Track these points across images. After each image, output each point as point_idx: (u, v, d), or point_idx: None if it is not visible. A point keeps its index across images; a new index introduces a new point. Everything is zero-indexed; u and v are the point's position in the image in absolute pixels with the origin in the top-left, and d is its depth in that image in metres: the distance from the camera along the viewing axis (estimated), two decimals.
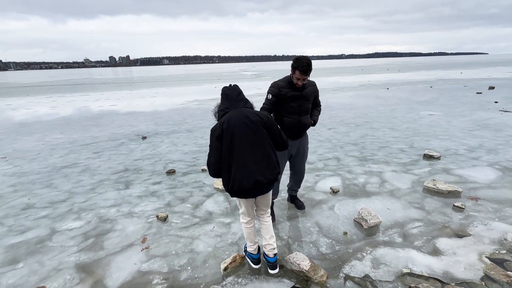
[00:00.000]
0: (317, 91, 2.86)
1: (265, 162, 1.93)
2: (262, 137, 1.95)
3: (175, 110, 10.34)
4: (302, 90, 2.66)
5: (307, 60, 2.45)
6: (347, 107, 9.55)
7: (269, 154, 1.96)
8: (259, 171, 1.89)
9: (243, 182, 1.87)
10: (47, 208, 3.36)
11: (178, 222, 2.96)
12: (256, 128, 1.93)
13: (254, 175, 1.88)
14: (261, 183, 1.89)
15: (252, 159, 1.90)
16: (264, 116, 2.02)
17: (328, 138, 5.83)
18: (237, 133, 1.89)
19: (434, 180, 3.50)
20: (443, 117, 7.40)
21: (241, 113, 1.95)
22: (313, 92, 2.78)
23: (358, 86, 16.68)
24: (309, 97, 2.72)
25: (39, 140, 6.70)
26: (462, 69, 30.98)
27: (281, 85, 2.65)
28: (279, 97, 2.64)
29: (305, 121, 2.75)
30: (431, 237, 2.53)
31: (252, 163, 1.89)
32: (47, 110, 11.76)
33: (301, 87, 2.63)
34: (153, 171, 4.43)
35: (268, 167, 1.94)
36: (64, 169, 4.67)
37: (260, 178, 1.89)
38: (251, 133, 1.91)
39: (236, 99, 2.02)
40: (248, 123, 1.92)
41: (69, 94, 18.70)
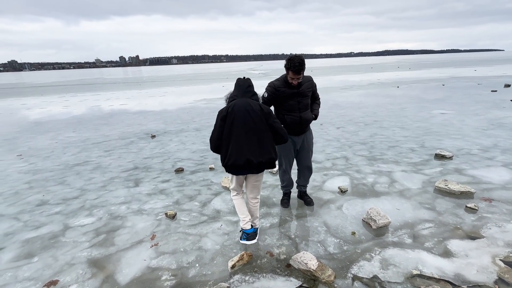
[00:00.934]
0: (314, 85, 2.90)
1: (259, 146, 2.22)
2: (260, 125, 2.22)
3: (183, 109, 10.44)
4: (299, 88, 2.74)
5: (299, 60, 2.53)
6: (355, 106, 9.43)
7: (264, 140, 2.24)
8: (251, 152, 2.20)
9: (237, 159, 2.20)
10: (60, 205, 3.46)
11: (187, 219, 3.00)
12: (255, 117, 2.21)
13: (247, 154, 2.19)
14: (251, 162, 2.20)
15: (247, 142, 2.20)
16: (265, 108, 2.29)
17: (336, 137, 5.77)
18: (239, 117, 2.20)
19: (446, 180, 3.42)
20: (456, 116, 7.21)
21: (245, 102, 2.26)
22: (310, 87, 2.84)
23: (367, 85, 16.42)
24: (306, 93, 2.80)
25: (52, 139, 6.90)
26: (476, 67, 30.05)
27: (278, 85, 2.74)
28: (276, 96, 2.76)
29: (306, 117, 2.82)
30: (442, 239, 2.48)
31: (247, 145, 2.19)
32: (60, 109, 12.09)
33: (297, 85, 2.71)
34: (162, 169, 4.50)
35: (261, 151, 2.22)
36: (76, 167, 4.79)
37: (251, 158, 2.19)
38: (250, 120, 2.20)
39: (245, 90, 2.32)
40: (250, 111, 2.21)
41: (81, 93, 19.15)
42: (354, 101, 10.48)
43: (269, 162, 2.28)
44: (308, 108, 2.86)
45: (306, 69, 2.62)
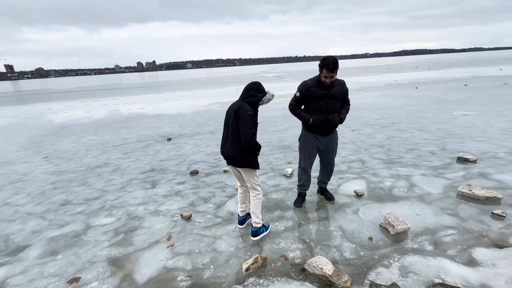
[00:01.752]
0: (346, 89, 2.93)
1: (230, 143, 2.50)
2: (232, 124, 2.46)
3: (198, 113, 10.64)
4: (329, 89, 2.78)
5: (333, 59, 2.62)
6: (372, 108, 9.21)
7: (233, 138, 2.47)
8: (225, 147, 2.57)
9: (221, 150, 2.65)
10: (82, 205, 3.61)
11: (201, 221, 3.04)
12: (231, 117, 2.47)
13: (223, 148, 2.61)
14: (224, 155, 2.60)
15: (224, 138, 2.59)
16: (240, 111, 2.42)
17: (352, 140, 5.66)
18: (226, 115, 2.57)
19: (470, 185, 3.26)
20: (480, 117, 6.86)
21: (235, 103, 2.53)
22: (341, 91, 2.88)
23: (383, 86, 16.01)
24: (336, 96, 2.83)
25: (75, 142, 7.24)
26: (501, 65, 28.49)
27: (310, 84, 2.84)
28: (307, 95, 2.85)
29: (333, 119, 2.87)
30: (467, 246, 2.36)
31: (223, 141, 2.60)
32: (82, 113, 12.67)
33: (328, 86, 2.76)
34: (177, 171, 4.60)
35: (230, 148, 2.51)
36: (97, 169, 5.00)
37: (224, 152, 2.58)
38: (229, 120, 2.52)
39: (243, 93, 2.54)
40: (231, 111, 2.50)
41: (101, 98, 19.99)
42: (370, 103, 10.24)
43: (234, 159, 2.50)
44: (337, 111, 2.91)
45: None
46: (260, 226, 2.65)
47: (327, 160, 3.13)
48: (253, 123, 2.40)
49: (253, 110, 2.45)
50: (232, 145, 2.47)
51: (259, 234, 2.66)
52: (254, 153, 2.49)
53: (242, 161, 2.49)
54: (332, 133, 3.00)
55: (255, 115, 2.46)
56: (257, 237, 2.64)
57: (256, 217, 2.64)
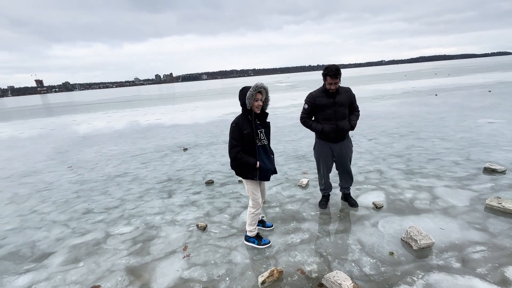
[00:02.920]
0: (353, 96, 3.02)
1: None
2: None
3: (213, 123, 10.83)
4: (335, 97, 2.93)
5: (335, 66, 2.82)
6: (389, 116, 8.98)
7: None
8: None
9: None
10: (103, 213, 3.74)
11: (217, 232, 3.05)
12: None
13: None
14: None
15: None
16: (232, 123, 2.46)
17: (369, 150, 5.52)
18: None
19: (499, 198, 3.06)
20: (507, 125, 6.49)
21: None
22: (348, 98, 2.99)
23: (401, 94, 15.61)
24: (343, 103, 2.95)
25: (97, 152, 7.57)
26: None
27: (316, 95, 3.01)
28: (315, 106, 3.00)
29: (343, 125, 2.97)
30: (498, 265, 2.20)
31: None
32: (104, 124, 13.28)
33: (334, 94, 2.90)
34: (193, 181, 4.67)
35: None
36: (117, 178, 5.18)
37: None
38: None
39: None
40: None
41: (122, 110, 20.89)
42: (387, 111, 10.00)
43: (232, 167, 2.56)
44: (346, 118, 3.00)
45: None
46: (253, 236, 2.72)
47: (343, 167, 3.21)
48: (233, 135, 2.37)
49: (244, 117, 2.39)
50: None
51: (248, 241, 2.75)
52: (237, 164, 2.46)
53: (235, 171, 2.56)
54: (345, 139, 3.09)
55: (238, 126, 2.38)
56: (246, 243, 2.75)
57: (246, 227, 2.74)
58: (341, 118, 2.96)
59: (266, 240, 2.72)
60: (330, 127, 2.95)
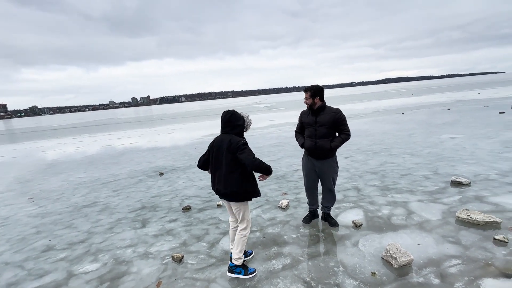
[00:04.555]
0: (339, 118, 3.04)
1: (224, 179, 2.44)
2: (227, 160, 2.43)
3: (191, 145, 10.63)
4: (317, 116, 3.04)
5: (312, 85, 3.04)
6: (362, 134, 9.41)
7: (229, 174, 2.42)
8: (219, 183, 2.48)
9: (214, 187, 2.55)
10: (66, 250, 3.37)
11: (194, 263, 2.85)
12: (223, 153, 2.45)
13: (217, 184, 2.51)
14: (219, 191, 2.50)
15: (218, 173, 2.50)
16: (233, 143, 2.40)
17: (346, 168, 5.66)
18: (214, 152, 2.52)
19: (467, 210, 3.22)
20: (467, 140, 7.05)
21: (221, 138, 2.52)
22: (331, 119, 3.02)
23: (371, 112, 16.58)
24: (324, 122, 3.02)
25: (63, 180, 7.02)
26: (479, 89, 30.23)
27: (304, 112, 3.24)
28: (302, 122, 3.23)
29: (321, 144, 3.03)
30: (474, 277, 2.25)
31: (217, 177, 2.51)
32: (74, 150, 12.50)
33: (317, 113, 3.03)
34: (169, 208, 4.43)
35: (226, 183, 2.44)
36: (84, 209, 4.78)
37: (220, 188, 2.48)
38: (220, 155, 2.48)
39: (224, 125, 2.53)
40: (220, 147, 2.48)
41: (94, 134, 19.94)
42: (360, 129, 10.48)
43: (232, 194, 2.44)
44: (327, 137, 3.04)
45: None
46: (239, 265, 2.53)
47: (325, 185, 3.25)
48: (249, 148, 2.41)
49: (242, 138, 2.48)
50: (228, 181, 2.41)
51: (234, 273, 2.53)
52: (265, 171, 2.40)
53: (240, 194, 2.43)
54: (328, 159, 3.12)
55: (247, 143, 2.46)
56: (231, 275, 2.53)
57: (236, 254, 2.53)
58: (321, 137, 3.02)
59: (252, 269, 2.58)
60: (309, 143, 3.09)
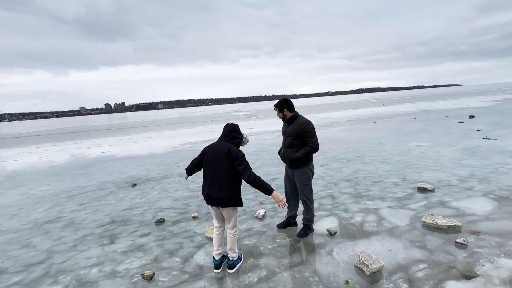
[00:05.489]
0: (302, 130, 3.05)
1: (219, 185, 2.55)
2: (223, 165, 2.55)
3: (167, 154, 10.31)
4: (287, 126, 3.18)
5: (280, 100, 3.16)
6: (337, 142, 9.74)
7: (224, 180, 2.55)
8: (212, 189, 2.57)
9: (204, 192, 2.64)
10: (20, 273, 3.05)
11: (166, 280, 2.71)
12: (220, 159, 2.57)
13: (208, 190, 2.60)
14: (210, 196, 2.59)
15: (211, 179, 2.60)
16: (233, 152, 2.56)
17: (321, 176, 5.79)
18: (209, 157, 2.65)
19: (432, 215, 3.41)
20: (431, 148, 7.56)
21: (218, 144, 2.67)
22: (296, 130, 3.07)
23: (346, 121, 17.29)
24: (291, 133, 3.13)
25: (23, 194, 6.43)
26: (441, 100, 32.85)
27: (283, 123, 3.32)
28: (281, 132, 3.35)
29: (287, 154, 3.15)
30: (438, 281, 2.37)
31: (210, 182, 2.60)
32: (37, 160, 11.57)
33: (288, 123, 3.16)
34: (141, 221, 4.21)
35: (220, 189, 2.54)
36: (46, 225, 4.39)
37: (211, 193, 2.58)
38: (217, 160, 2.59)
39: (225, 133, 2.73)
40: (217, 153, 2.61)
41: (61, 142, 18.66)
42: (335, 137, 10.86)
43: (225, 200, 2.56)
44: (293, 148, 3.11)
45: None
46: (236, 258, 2.78)
47: (299, 193, 3.32)
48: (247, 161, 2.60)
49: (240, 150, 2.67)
50: (223, 186, 2.54)
51: (235, 266, 2.77)
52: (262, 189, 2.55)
53: (232, 201, 2.59)
54: (298, 169, 3.17)
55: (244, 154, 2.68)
56: (233, 270, 2.75)
57: (233, 252, 2.76)
58: (288, 147, 3.15)
59: (240, 254, 2.91)
60: (281, 152, 3.29)
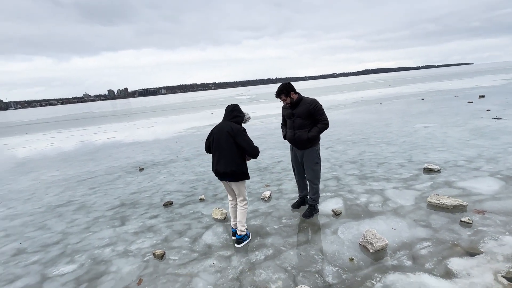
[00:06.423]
0: (313, 109, 3.09)
1: (225, 160, 2.76)
2: (226, 142, 2.76)
3: (172, 139, 10.38)
4: (293, 109, 3.15)
5: (280, 86, 3.13)
6: (343, 124, 9.64)
7: (229, 156, 2.75)
8: (219, 164, 2.80)
9: (214, 168, 2.88)
10: (38, 253, 3.21)
11: (176, 258, 2.82)
12: (223, 137, 2.78)
13: (216, 166, 2.83)
14: (219, 172, 2.82)
15: (218, 155, 2.81)
16: (235, 129, 2.76)
17: (326, 158, 5.79)
18: (215, 137, 2.85)
19: (437, 194, 3.42)
20: (438, 129, 7.44)
21: (222, 124, 2.86)
22: (305, 110, 3.09)
23: (351, 103, 17.00)
24: (300, 114, 3.12)
25: (34, 179, 6.62)
26: (450, 80, 31.89)
27: (284, 106, 3.32)
28: (283, 115, 3.36)
29: (299, 135, 3.15)
30: (442, 258, 2.41)
31: (217, 159, 2.83)
32: (45, 147, 11.79)
33: (293, 106, 3.14)
34: (150, 204, 4.32)
35: (226, 164, 2.76)
36: (58, 208, 4.55)
37: (219, 169, 2.81)
38: (221, 139, 2.79)
39: (227, 114, 2.90)
40: (221, 131, 2.80)
41: (67, 129, 18.88)
42: (341, 119, 10.74)
43: (232, 173, 2.76)
44: (305, 128, 3.14)
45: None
46: (244, 234, 2.93)
47: (307, 175, 3.35)
48: (247, 135, 2.80)
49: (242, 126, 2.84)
50: (229, 161, 2.74)
51: (243, 241, 2.92)
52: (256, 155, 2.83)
53: (240, 173, 2.78)
54: (308, 149, 3.21)
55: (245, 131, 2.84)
56: (241, 244, 2.91)
57: (241, 226, 2.90)
58: (299, 128, 3.14)
59: (248, 232, 3.05)
60: (289, 135, 3.25)
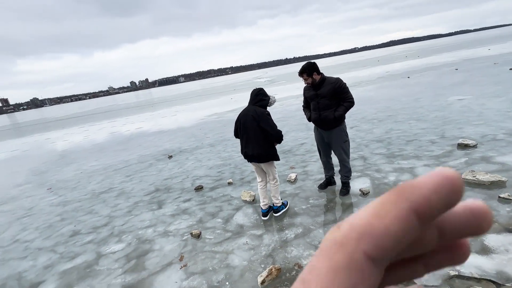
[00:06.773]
0: (338, 87, 3.08)
1: (251, 143, 2.94)
2: (253, 126, 2.90)
3: (196, 126, 10.69)
4: (317, 90, 3.12)
5: (304, 64, 3.12)
6: (367, 102, 9.26)
7: (254, 139, 2.92)
8: (247, 147, 2.98)
9: (242, 151, 3.07)
10: (91, 234, 3.61)
11: (211, 237, 3.04)
12: (249, 121, 2.92)
13: (245, 148, 3.01)
14: (247, 154, 3.01)
15: (246, 139, 2.98)
16: (259, 113, 2.88)
17: (351, 137, 5.63)
18: (242, 121, 2.99)
19: (473, 171, 3.27)
20: (475, 101, 6.90)
21: (247, 109, 2.98)
22: (331, 89, 3.07)
23: (376, 79, 16.12)
24: (325, 94, 3.09)
25: (77, 169, 7.26)
26: (489, 45, 28.75)
27: (306, 88, 3.33)
28: (305, 97, 3.35)
29: (325, 115, 3.14)
30: None
31: (245, 142, 3.01)
32: (81, 139, 12.73)
33: (317, 87, 3.11)
34: (182, 188, 4.61)
35: (253, 147, 2.93)
36: (102, 195, 5.01)
37: (247, 151, 2.99)
38: (247, 123, 2.93)
39: (252, 98, 3.02)
40: (247, 116, 2.94)
41: (99, 122, 20.09)
42: (364, 97, 10.30)
43: (258, 156, 2.94)
44: (331, 108, 3.13)
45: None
46: (280, 204, 3.18)
47: (337, 155, 3.38)
48: (272, 119, 2.92)
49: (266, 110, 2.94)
50: (255, 144, 2.91)
51: (280, 210, 3.19)
52: (280, 140, 2.97)
53: (267, 156, 2.95)
54: (336, 128, 3.21)
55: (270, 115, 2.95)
56: (278, 213, 3.18)
57: (276, 199, 3.17)
58: (324, 109, 3.13)
59: (285, 201, 3.36)
60: (314, 116, 3.23)
